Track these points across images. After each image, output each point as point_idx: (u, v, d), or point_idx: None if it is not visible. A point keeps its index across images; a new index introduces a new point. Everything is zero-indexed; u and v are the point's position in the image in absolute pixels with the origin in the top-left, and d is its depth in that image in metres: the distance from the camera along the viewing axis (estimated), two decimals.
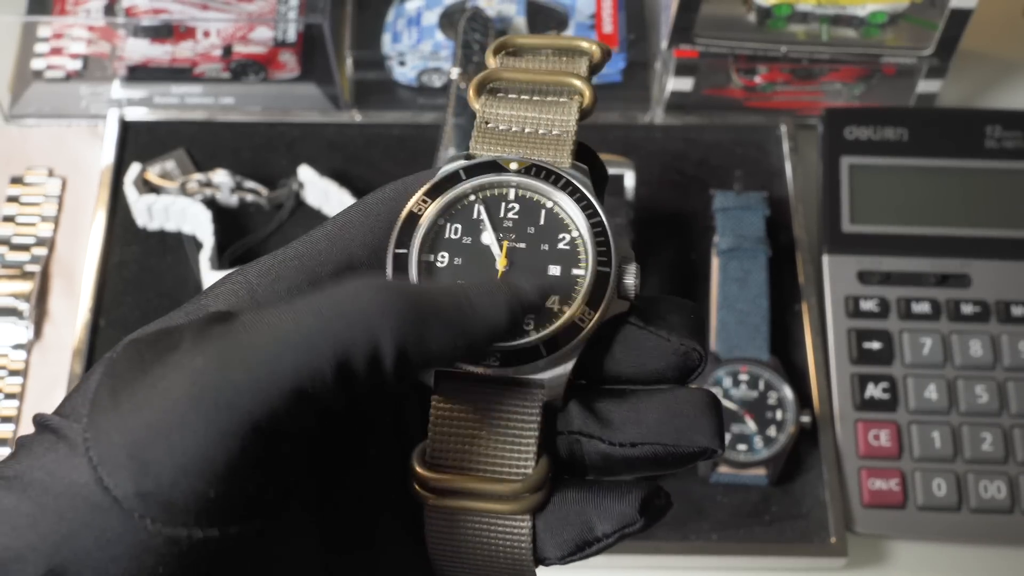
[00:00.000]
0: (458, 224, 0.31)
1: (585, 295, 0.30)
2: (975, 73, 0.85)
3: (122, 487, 0.26)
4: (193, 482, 0.26)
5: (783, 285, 0.74)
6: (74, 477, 0.27)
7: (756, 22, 0.78)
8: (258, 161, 0.79)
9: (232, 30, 0.81)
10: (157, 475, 0.26)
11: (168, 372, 0.27)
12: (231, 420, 0.26)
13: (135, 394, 0.27)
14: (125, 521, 0.26)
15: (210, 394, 0.26)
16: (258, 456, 0.26)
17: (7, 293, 0.74)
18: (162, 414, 0.26)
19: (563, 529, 0.30)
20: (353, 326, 0.26)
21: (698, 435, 0.30)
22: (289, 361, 0.26)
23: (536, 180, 0.31)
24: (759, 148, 0.80)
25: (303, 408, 0.26)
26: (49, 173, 0.80)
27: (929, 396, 0.70)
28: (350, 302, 0.27)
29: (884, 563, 0.68)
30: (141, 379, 0.27)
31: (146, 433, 0.26)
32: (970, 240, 0.74)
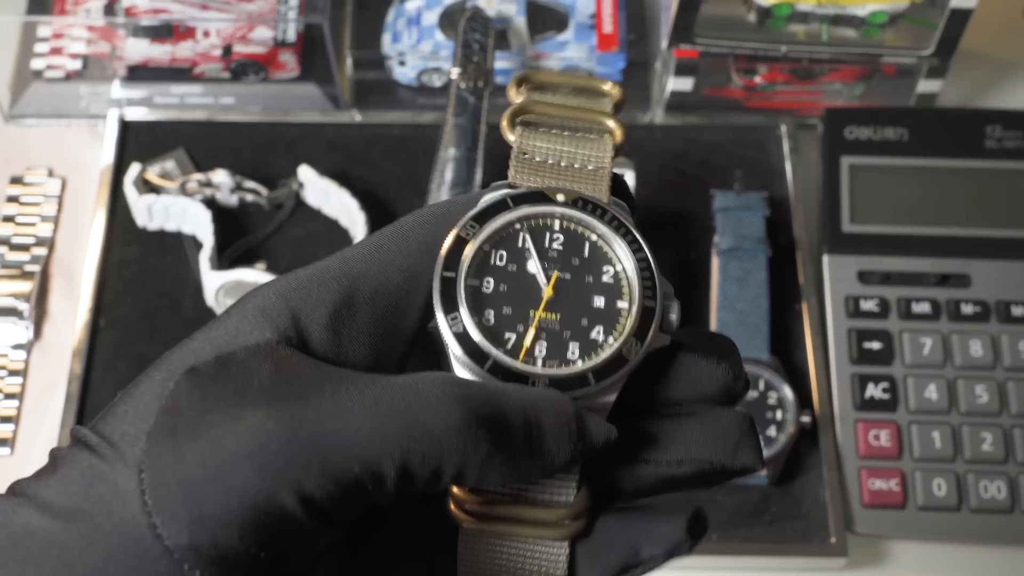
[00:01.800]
0: (503, 251, 0.32)
1: (632, 328, 0.31)
2: (975, 73, 0.85)
3: (176, 537, 0.26)
4: (247, 542, 0.26)
5: (783, 285, 0.74)
6: (125, 515, 0.26)
7: (756, 22, 0.78)
8: (258, 161, 0.79)
9: (232, 30, 0.81)
10: (213, 530, 0.26)
11: (233, 425, 0.27)
12: (292, 492, 0.26)
13: (197, 440, 0.27)
14: (173, 570, 0.26)
15: (276, 462, 0.26)
16: (308, 528, 0.27)
17: (7, 293, 0.74)
18: (223, 468, 0.26)
19: (606, 554, 0.30)
20: (427, 446, 0.27)
21: (743, 453, 0.31)
22: (356, 457, 0.26)
23: (582, 213, 0.32)
24: (759, 148, 0.80)
25: (357, 500, 0.27)
26: (49, 173, 0.80)
27: (929, 396, 0.70)
28: (428, 414, 0.27)
29: (884, 563, 0.68)
30: (205, 425, 0.27)
31: (204, 485, 0.26)
32: (970, 240, 0.74)
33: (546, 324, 0.31)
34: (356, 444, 0.27)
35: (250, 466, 0.26)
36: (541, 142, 0.33)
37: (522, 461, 0.28)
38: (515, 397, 0.28)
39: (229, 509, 0.26)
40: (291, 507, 0.26)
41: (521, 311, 0.31)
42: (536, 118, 0.33)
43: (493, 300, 0.31)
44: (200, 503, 0.26)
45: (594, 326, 0.31)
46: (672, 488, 0.31)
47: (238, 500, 0.26)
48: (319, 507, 0.27)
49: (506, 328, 0.30)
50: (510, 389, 0.29)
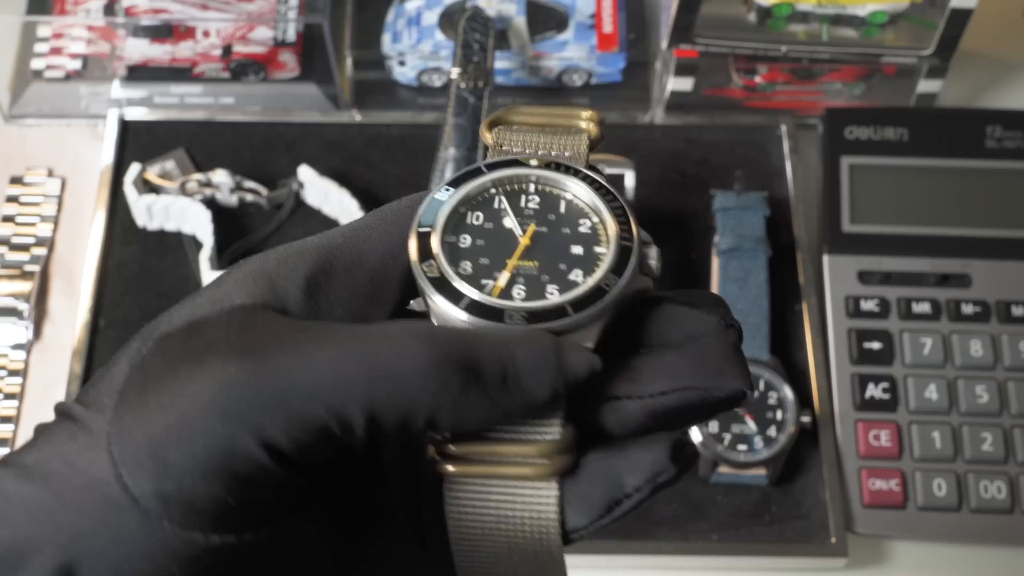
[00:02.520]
0: (480, 212, 0.32)
1: (610, 264, 0.31)
2: (975, 73, 0.85)
3: (142, 487, 0.26)
4: (212, 489, 0.26)
5: (783, 285, 0.74)
6: (94, 471, 0.27)
7: (756, 22, 0.78)
8: (258, 161, 0.79)
9: (232, 30, 0.81)
10: (178, 478, 0.26)
11: (198, 374, 0.27)
12: (256, 437, 0.26)
13: (162, 393, 0.27)
14: (142, 521, 0.26)
15: (238, 407, 0.26)
16: (275, 474, 0.26)
17: (7, 293, 0.74)
18: (188, 417, 0.26)
19: (590, 492, 0.29)
20: (393, 388, 0.26)
21: (728, 378, 0.29)
22: (321, 402, 0.26)
23: (555, 173, 0.32)
24: (759, 148, 0.80)
25: (324, 445, 0.27)
26: (49, 173, 0.80)
27: (929, 396, 0.70)
28: (395, 356, 0.26)
29: (884, 563, 0.68)
30: (170, 378, 0.27)
31: (169, 434, 0.26)
32: (970, 240, 0.74)
33: (523, 270, 0.31)
34: (320, 388, 0.26)
35: (212, 412, 0.26)
36: (517, 136, 0.33)
37: (500, 398, 0.27)
38: (488, 336, 0.28)
39: (193, 456, 0.26)
40: (255, 453, 0.26)
41: (498, 261, 0.31)
42: (512, 121, 0.34)
43: (470, 253, 0.31)
44: (164, 452, 0.26)
45: (572, 269, 0.31)
46: (660, 423, 0.29)
47: (202, 447, 0.26)
48: (284, 452, 0.26)
49: (483, 276, 0.31)
50: (484, 329, 0.29)
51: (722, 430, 0.68)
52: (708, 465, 0.68)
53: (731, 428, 0.68)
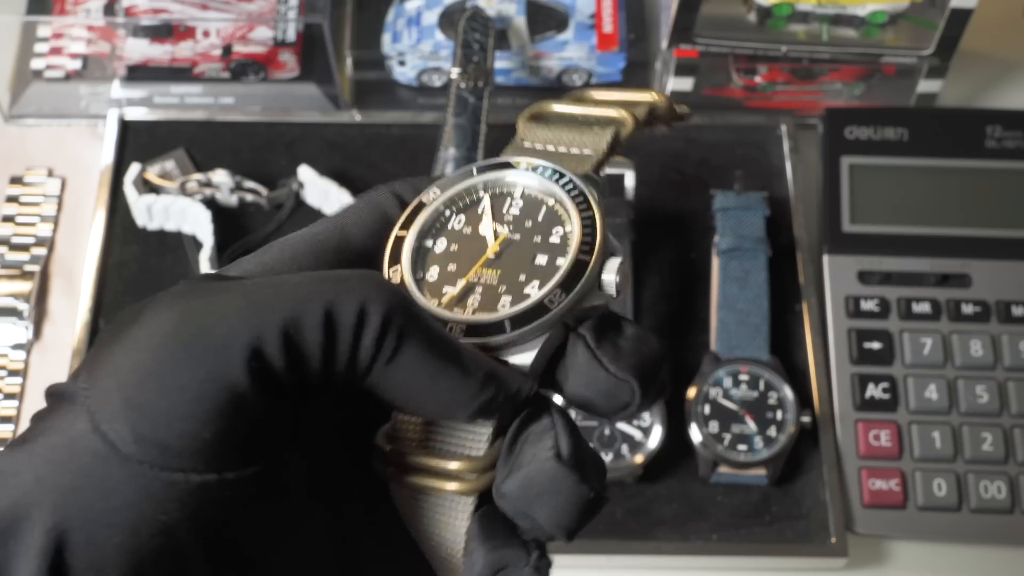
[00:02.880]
0: (463, 215, 0.32)
1: (560, 279, 0.30)
2: (975, 73, 0.85)
3: (119, 432, 0.27)
4: (186, 424, 0.27)
5: (783, 285, 0.74)
6: (75, 429, 0.27)
7: (756, 22, 0.78)
8: (258, 161, 0.79)
9: (232, 30, 0.81)
10: (152, 419, 0.27)
11: (150, 322, 0.28)
12: (219, 360, 0.27)
13: (125, 346, 0.28)
14: (124, 467, 0.27)
15: (197, 334, 0.27)
16: (247, 398, 0.27)
17: (7, 293, 0.74)
18: (149, 359, 0.27)
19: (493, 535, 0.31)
20: (342, 289, 0.28)
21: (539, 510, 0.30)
22: (275, 313, 0.27)
23: (541, 178, 0.32)
24: (759, 148, 0.80)
25: (287, 362, 0.27)
26: (49, 173, 0.80)
27: (929, 396, 0.70)
28: (337, 275, 0.28)
29: (884, 563, 0.68)
30: (128, 333, 0.28)
31: (137, 377, 0.27)
32: (970, 240, 0.74)
33: (486, 279, 0.31)
34: (271, 301, 0.28)
35: (173, 344, 0.27)
36: (543, 132, 0.34)
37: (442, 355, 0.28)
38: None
39: (163, 392, 0.27)
40: (222, 377, 0.27)
41: (464, 268, 0.32)
42: (551, 115, 0.34)
43: (442, 258, 0.32)
44: (135, 394, 0.27)
45: (531, 281, 0.31)
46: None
47: (171, 383, 0.27)
48: (251, 372, 0.27)
49: (447, 282, 0.31)
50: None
51: (722, 430, 0.68)
52: (708, 465, 0.68)
53: (731, 428, 0.68)
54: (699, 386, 0.69)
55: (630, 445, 0.67)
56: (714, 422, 0.68)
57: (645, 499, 0.69)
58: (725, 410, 0.68)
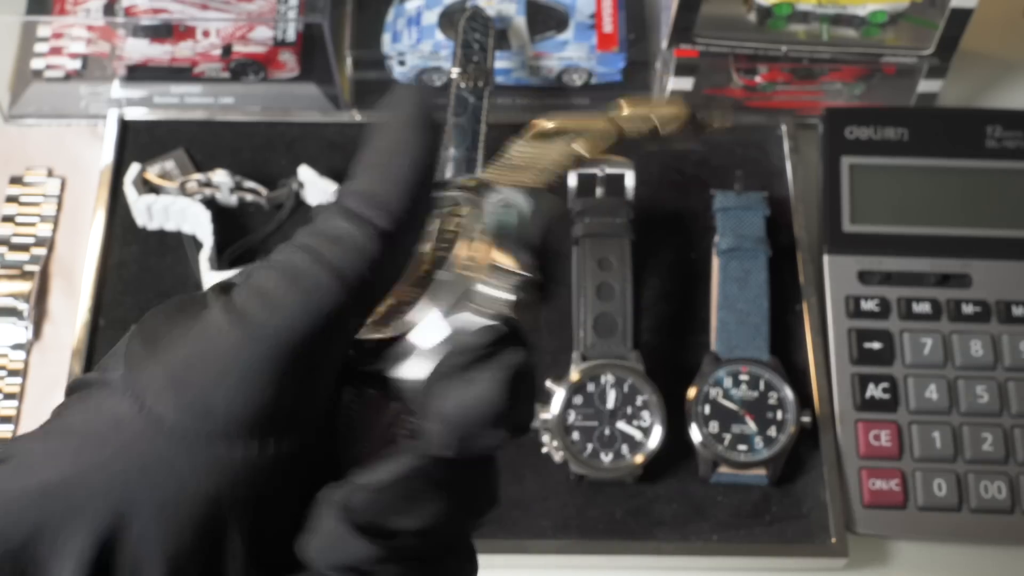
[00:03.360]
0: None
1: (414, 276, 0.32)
2: (976, 73, 0.85)
3: (164, 407, 0.27)
4: (232, 398, 0.28)
5: (783, 285, 0.74)
6: (117, 411, 0.28)
7: (756, 22, 0.78)
8: (258, 161, 0.79)
9: (232, 30, 0.81)
10: (199, 392, 0.27)
11: (200, 315, 0.29)
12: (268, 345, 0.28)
13: (170, 337, 0.29)
14: (170, 443, 0.27)
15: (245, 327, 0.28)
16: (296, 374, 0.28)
17: (6, 293, 0.74)
18: (198, 345, 0.28)
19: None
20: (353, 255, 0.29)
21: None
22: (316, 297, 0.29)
23: (475, 196, 0.32)
24: (759, 148, 0.80)
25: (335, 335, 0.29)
26: (48, 173, 0.80)
27: (930, 396, 0.70)
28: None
29: (885, 563, 0.68)
30: (172, 326, 0.29)
31: (184, 362, 0.28)
32: (971, 240, 0.74)
33: (412, 297, 0.32)
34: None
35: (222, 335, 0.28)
36: (525, 148, 0.34)
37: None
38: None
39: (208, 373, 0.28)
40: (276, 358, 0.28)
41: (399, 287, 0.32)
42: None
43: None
44: (181, 374, 0.28)
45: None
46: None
47: (216, 365, 0.28)
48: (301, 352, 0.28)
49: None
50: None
51: (722, 430, 0.68)
52: (708, 465, 0.68)
53: (731, 428, 0.68)
54: (699, 386, 0.69)
55: (630, 445, 0.67)
56: (714, 422, 0.68)
57: (645, 499, 0.68)
58: (725, 410, 0.68)
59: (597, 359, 0.69)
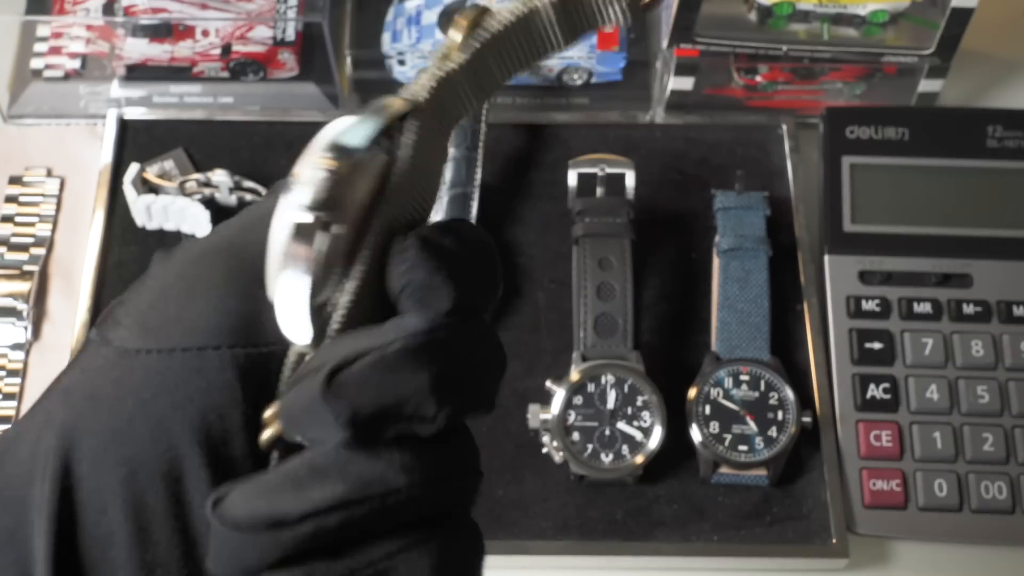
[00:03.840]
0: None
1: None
2: (976, 73, 0.84)
3: (120, 333, 0.29)
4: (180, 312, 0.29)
5: (784, 285, 0.74)
6: (88, 351, 0.30)
7: (757, 21, 0.78)
8: (257, 161, 0.79)
9: (231, 29, 0.81)
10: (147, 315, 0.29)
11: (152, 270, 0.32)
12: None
13: (135, 286, 0.31)
14: (123, 365, 0.28)
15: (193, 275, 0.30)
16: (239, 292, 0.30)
17: (5, 293, 0.74)
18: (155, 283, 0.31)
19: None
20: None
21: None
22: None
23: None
24: (760, 147, 0.80)
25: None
26: (48, 173, 0.80)
27: (930, 396, 0.70)
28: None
29: (885, 564, 0.68)
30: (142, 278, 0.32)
31: (141, 295, 0.30)
32: (972, 240, 0.74)
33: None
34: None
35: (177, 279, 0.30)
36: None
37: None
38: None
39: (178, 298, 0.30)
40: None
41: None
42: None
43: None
44: (150, 308, 0.30)
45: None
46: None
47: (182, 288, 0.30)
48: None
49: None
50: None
51: (723, 431, 0.68)
52: (709, 466, 0.68)
53: (732, 428, 0.68)
54: (700, 386, 0.69)
55: (630, 445, 0.67)
56: (715, 422, 0.68)
57: (645, 500, 0.68)
58: (726, 410, 0.68)
59: (597, 359, 0.69)
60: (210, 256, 0.30)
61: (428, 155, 0.32)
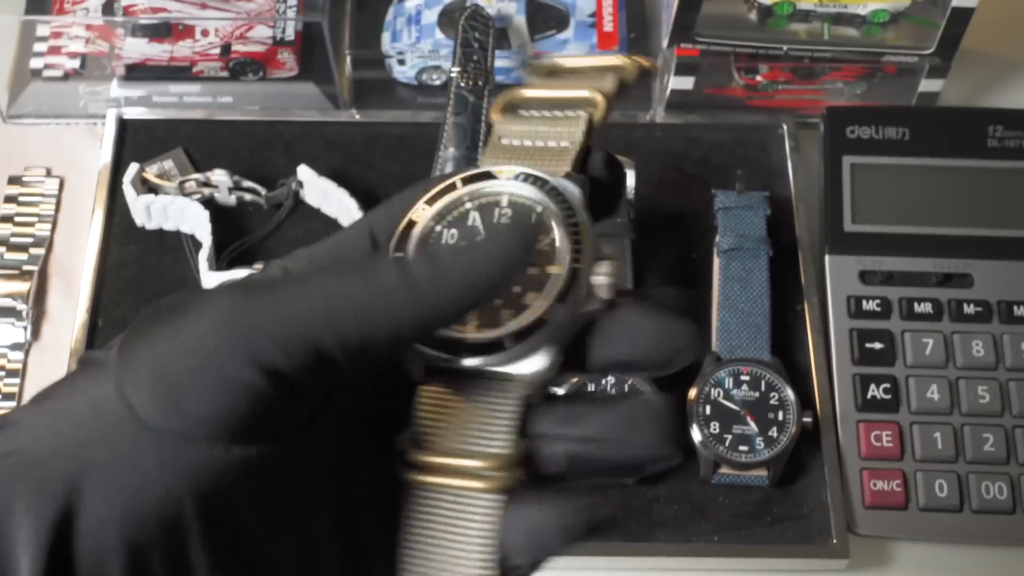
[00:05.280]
0: (455, 230, 0.32)
1: (556, 293, 0.31)
2: (977, 72, 0.84)
3: (142, 398, 0.28)
4: (206, 398, 0.27)
5: (785, 285, 0.74)
6: (98, 391, 0.28)
7: (757, 20, 0.78)
8: (257, 160, 0.79)
9: (231, 29, 0.81)
10: (176, 391, 0.27)
11: (195, 309, 0.29)
12: (260, 357, 0.27)
13: (163, 326, 0.29)
14: (141, 432, 0.28)
15: (238, 334, 0.28)
16: (281, 398, 0.28)
17: (5, 293, 0.74)
18: (188, 341, 0.28)
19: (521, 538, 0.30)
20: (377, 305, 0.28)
21: (650, 438, 0.30)
22: (312, 324, 0.28)
23: (526, 185, 0.32)
24: (760, 147, 0.80)
25: (320, 369, 0.28)
26: (47, 173, 0.80)
27: (931, 397, 0.70)
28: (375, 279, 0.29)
29: (886, 564, 0.68)
30: (168, 317, 0.29)
31: (170, 354, 0.28)
32: (972, 240, 0.74)
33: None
34: (311, 312, 0.28)
35: (215, 340, 0.28)
36: (518, 126, 0.34)
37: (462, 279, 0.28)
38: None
39: (192, 374, 0.28)
40: (259, 376, 0.27)
41: None
42: (524, 102, 0.34)
43: None
44: (165, 367, 0.28)
45: (526, 293, 0.31)
46: (584, 469, 0.31)
47: (210, 373, 0.28)
48: (284, 376, 0.28)
49: None
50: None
51: (723, 431, 0.67)
52: (709, 466, 0.68)
53: (732, 429, 0.67)
54: (700, 386, 0.69)
55: None
56: (715, 423, 0.68)
57: (646, 500, 0.68)
58: (726, 411, 0.68)
59: None
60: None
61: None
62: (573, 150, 0.33)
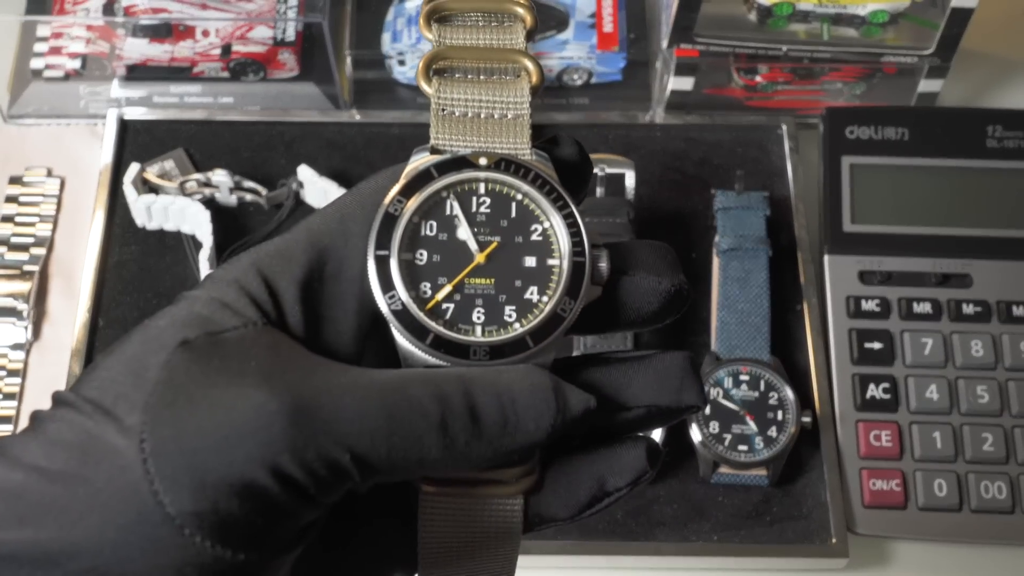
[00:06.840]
0: (433, 221, 0.32)
1: (565, 286, 0.31)
2: (976, 73, 0.85)
3: (178, 504, 0.27)
4: (246, 510, 0.27)
5: (784, 285, 0.74)
6: (125, 482, 0.27)
7: (757, 21, 0.78)
8: (257, 161, 0.79)
9: (231, 29, 0.81)
10: (214, 498, 0.27)
11: (237, 402, 0.28)
12: (290, 467, 0.27)
13: (198, 412, 0.28)
14: (173, 535, 0.27)
15: (278, 440, 0.27)
16: (301, 503, 0.28)
17: (6, 293, 0.74)
18: (226, 441, 0.27)
19: (575, 490, 0.32)
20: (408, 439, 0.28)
21: (686, 393, 0.32)
22: (348, 446, 0.28)
23: (504, 174, 0.32)
24: (760, 147, 0.80)
25: (344, 483, 0.28)
26: (48, 173, 0.80)
27: (930, 396, 0.70)
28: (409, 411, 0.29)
29: (885, 564, 0.68)
30: (204, 397, 0.28)
31: (206, 455, 0.27)
32: (971, 240, 0.74)
33: (481, 290, 0.31)
34: (349, 435, 0.28)
35: (253, 441, 0.27)
36: (458, 93, 0.33)
37: (501, 443, 0.29)
38: (491, 383, 0.29)
39: (231, 480, 0.27)
40: (290, 481, 0.27)
41: (456, 280, 0.32)
42: (450, 64, 0.33)
43: (427, 272, 0.32)
44: (202, 472, 0.27)
45: (528, 286, 0.32)
46: (623, 432, 0.32)
47: (240, 472, 0.27)
48: (313, 485, 0.28)
49: (446, 300, 0.31)
50: (487, 373, 0.30)
51: (723, 431, 0.68)
52: (709, 466, 0.68)
53: (732, 429, 0.68)
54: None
55: None
56: (715, 422, 0.68)
57: (645, 500, 0.68)
58: (726, 410, 0.68)
59: None
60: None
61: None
62: (524, 121, 0.33)
